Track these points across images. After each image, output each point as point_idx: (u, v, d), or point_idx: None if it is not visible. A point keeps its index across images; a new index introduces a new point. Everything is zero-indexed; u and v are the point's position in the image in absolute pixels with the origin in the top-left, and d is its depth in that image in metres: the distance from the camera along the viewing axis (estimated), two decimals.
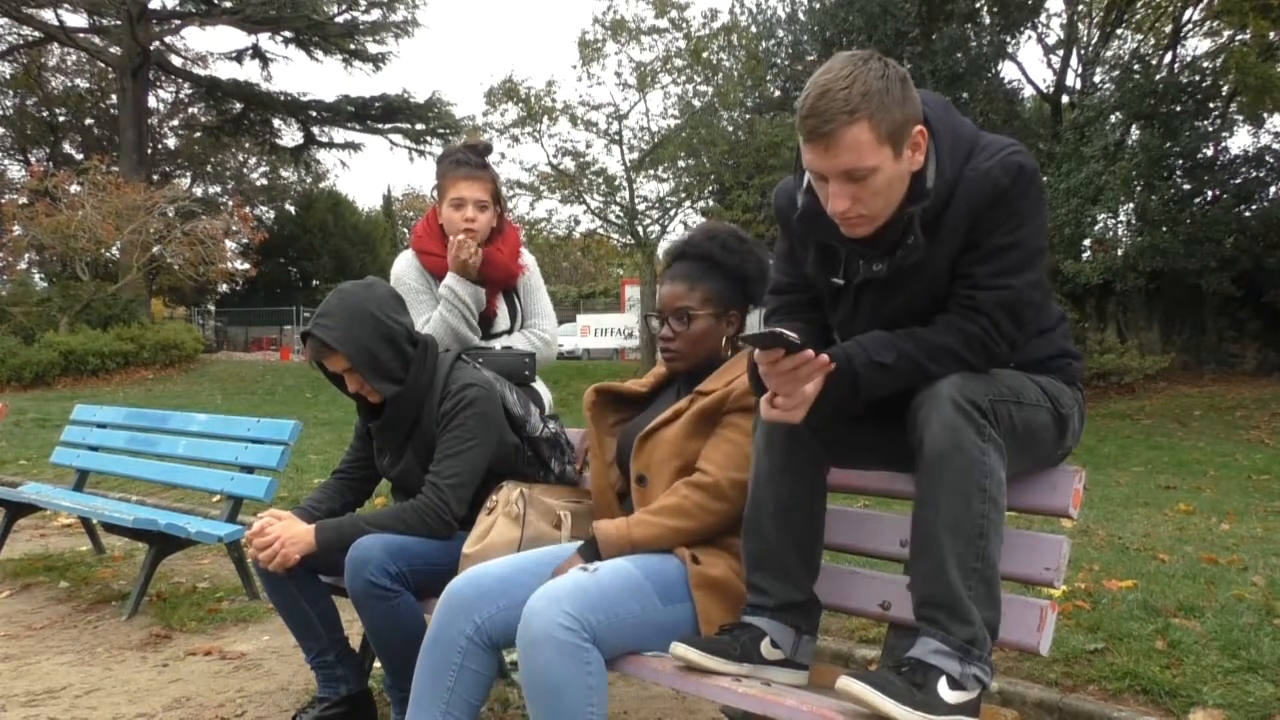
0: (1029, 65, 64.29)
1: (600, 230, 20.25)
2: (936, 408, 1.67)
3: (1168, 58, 15.82)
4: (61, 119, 34.16)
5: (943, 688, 1.59)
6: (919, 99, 1.73)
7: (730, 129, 17.71)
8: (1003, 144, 1.75)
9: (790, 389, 1.71)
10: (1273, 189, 14.67)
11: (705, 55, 17.65)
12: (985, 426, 1.66)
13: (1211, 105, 14.56)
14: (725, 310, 2.26)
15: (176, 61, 29.82)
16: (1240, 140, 26.97)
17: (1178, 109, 14.09)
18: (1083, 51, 16.87)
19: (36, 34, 27.16)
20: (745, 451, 2.01)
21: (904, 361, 1.73)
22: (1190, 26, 15.94)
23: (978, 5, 15.12)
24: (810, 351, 1.68)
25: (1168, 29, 16.24)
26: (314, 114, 29.93)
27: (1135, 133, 14.85)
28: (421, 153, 29.37)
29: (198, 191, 33.97)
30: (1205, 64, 14.72)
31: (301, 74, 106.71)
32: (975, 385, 1.69)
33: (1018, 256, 1.72)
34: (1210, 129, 14.51)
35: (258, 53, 29.02)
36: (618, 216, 19.22)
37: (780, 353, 1.68)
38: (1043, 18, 16.60)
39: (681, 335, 2.25)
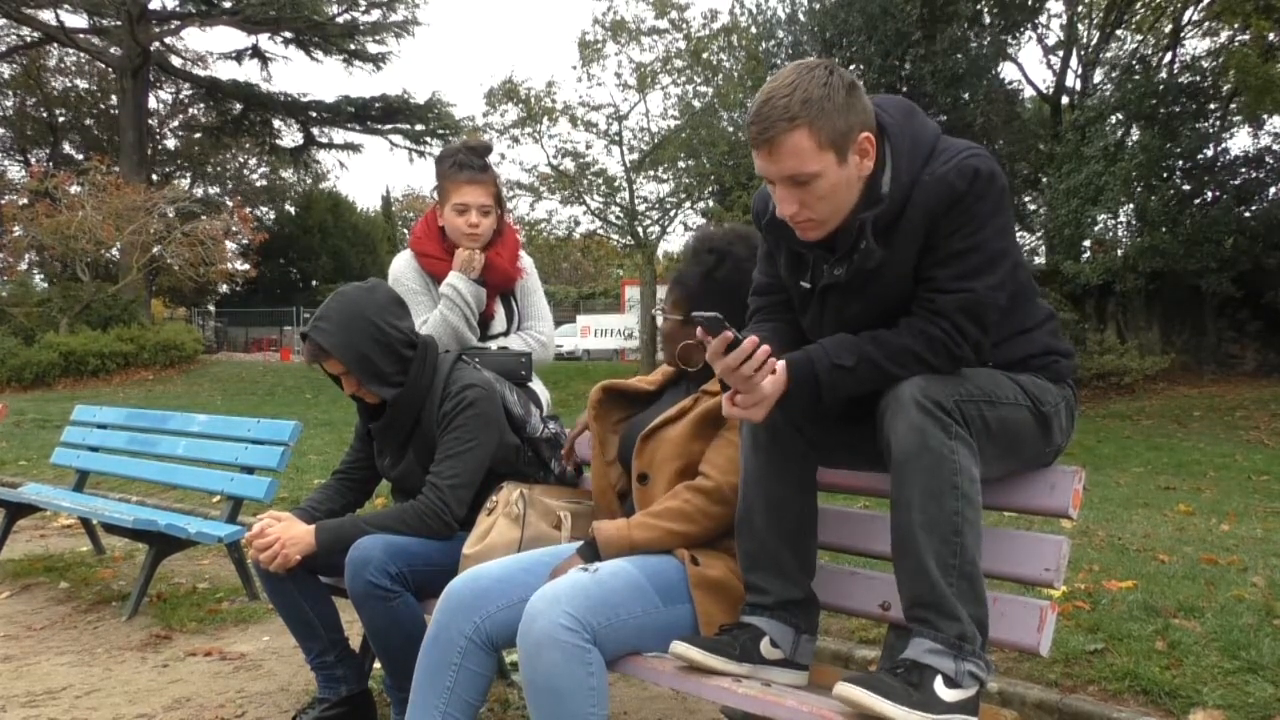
0: (1029, 66, 64.44)
1: (600, 231, 20.27)
2: (900, 410, 1.68)
3: (1168, 58, 15.83)
4: (61, 119, 34.15)
5: (939, 686, 1.60)
6: (869, 106, 1.74)
7: (730, 129, 17.71)
8: (960, 148, 1.75)
9: (747, 387, 1.72)
10: (1273, 190, 14.67)
11: (705, 56, 17.69)
12: (951, 425, 1.67)
13: (1211, 106, 14.57)
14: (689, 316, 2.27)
15: (176, 62, 29.82)
16: (1240, 141, 27.09)
17: (1177, 110, 14.09)
18: (1083, 52, 16.89)
19: (36, 34, 27.16)
20: None
21: (865, 364, 1.74)
22: (1190, 27, 15.96)
23: (979, 6, 15.12)
24: (752, 341, 1.68)
25: (1167, 29, 16.24)
26: (314, 114, 29.89)
27: (1135, 133, 14.85)
28: (421, 153, 29.34)
29: (198, 192, 33.97)
30: (1205, 64, 14.73)
31: (301, 74, 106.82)
32: (939, 385, 1.69)
33: (977, 260, 1.72)
34: (1210, 130, 14.52)
35: (258, 53, 29.01)
36: (618, 217, 19.24)
37: (726, 339, 1.68)
38: (1043, 18, 16.65)
39: (660, 332, 2.35)
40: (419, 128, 28.86)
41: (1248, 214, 14.30)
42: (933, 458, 1.64)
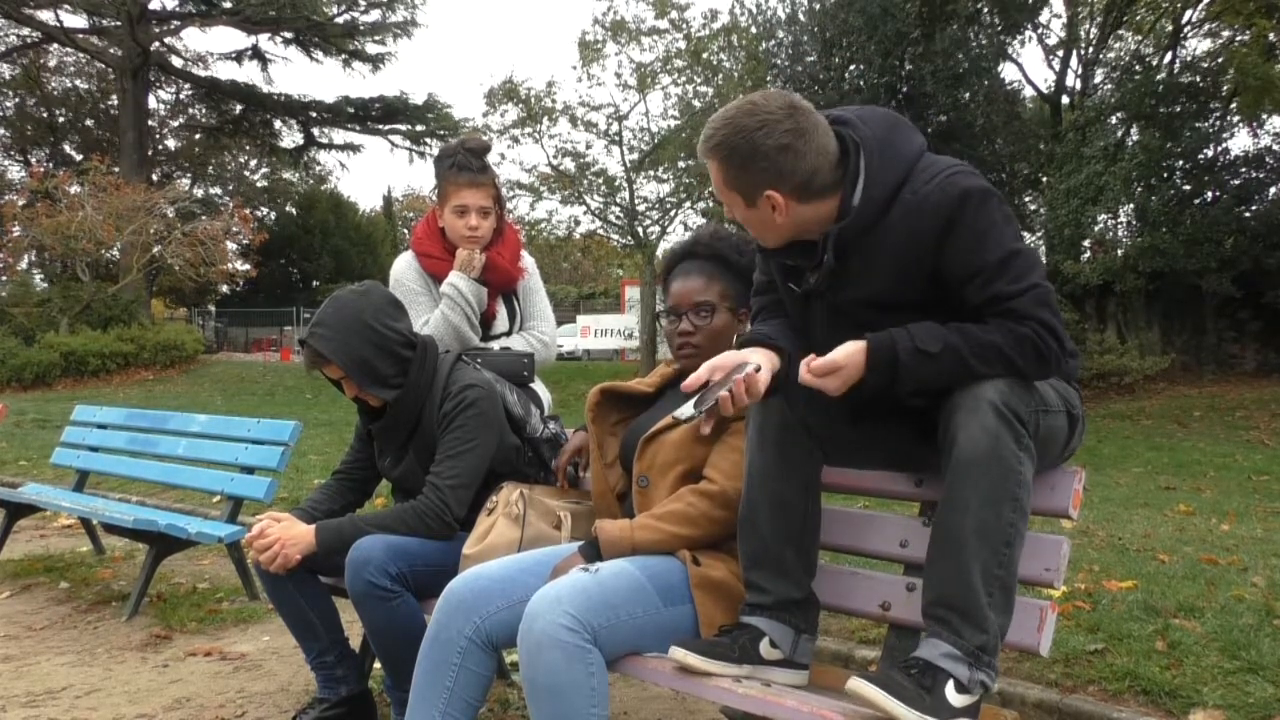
0: (1030, 66, 64.32)
1: (600, 231, 20.29)
2: (976, 410, 1.64)
3: (1168, 58, 15.83)
4: (61, 119, 34.15)
5: (950, 691, 1.59)
6: (801, 167, 1.71)
7: None
8: (942, 166, 1.73)
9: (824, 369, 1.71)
10: (1273, 190, 14.67)
11: (705, 56, 17.70)
12: (1024, 436, 1.65)
13: (1211, 106, 14.56)
14: (739, 307, 2.27)
15: (176, 62, 29.82)
16: (1240, 141, 27.10)
17: (1178, 109, 14.09)
18: (1083, 52, 16.88)
19: (36, 34, 27.16)
20: None
21: (949, 353, 1.68)
22: (1190, 27, 15.95)
23: (979, 6, 15.12)
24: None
25: (1168, 29, 16.24)
26: (314, 115, 29.90)
27: (1135, 133, 14.86)
28: (421, 154, 29.38)
29: (198, 192, 33.95)
30: (1205, 64, 14.73)
31: (301, 74, 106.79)
32: (1019, 394, 1.67)
33: (1019, 263, 1.69)
34: (1210, 130, 14.51)
35: (257, 53, 29.01)
36: (618, 217, 19.26)
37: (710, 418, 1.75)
38: (1043, 18, 16.64)
39: (702, 329, 2.25)
40: (419, 128, 28.88)
41: (1248, 214, 14.30)
42: (1001, 466, 1.62)
